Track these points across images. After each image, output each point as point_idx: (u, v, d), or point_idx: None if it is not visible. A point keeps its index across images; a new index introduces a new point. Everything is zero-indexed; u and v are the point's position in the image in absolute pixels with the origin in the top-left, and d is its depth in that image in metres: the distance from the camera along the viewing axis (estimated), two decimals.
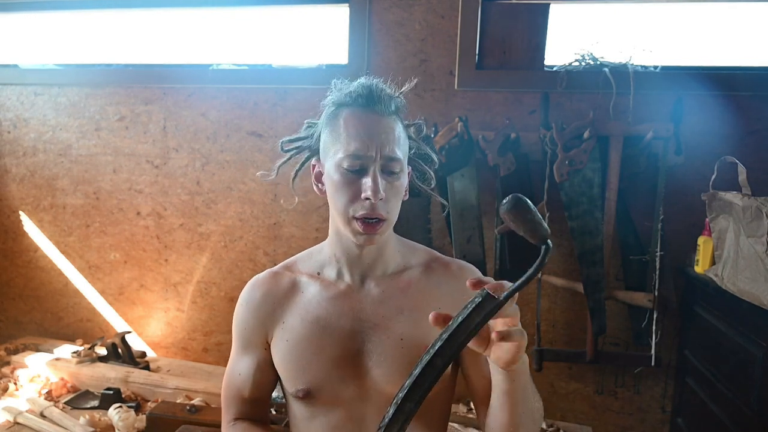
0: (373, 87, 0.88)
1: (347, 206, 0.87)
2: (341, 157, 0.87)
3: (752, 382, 1.39)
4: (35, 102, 2.40)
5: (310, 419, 0.96)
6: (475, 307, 0.68)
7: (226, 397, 1.03)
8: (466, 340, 0.68)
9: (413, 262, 1.00)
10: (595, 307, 1.86)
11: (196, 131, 2.26)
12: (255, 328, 0.99)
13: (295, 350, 0.94)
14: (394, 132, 0.88)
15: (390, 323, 0.93)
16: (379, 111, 0.87)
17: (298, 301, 0.97)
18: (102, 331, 2.47)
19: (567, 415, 2.06)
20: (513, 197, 0.68)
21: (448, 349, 0.68)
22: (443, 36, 2.01)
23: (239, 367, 1.01)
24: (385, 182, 0.87)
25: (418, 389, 0.68)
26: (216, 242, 2.30)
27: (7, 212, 2.51)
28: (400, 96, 0.92)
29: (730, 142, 1.82)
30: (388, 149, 0.86)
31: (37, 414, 1.75)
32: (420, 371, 0.68)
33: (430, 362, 0.68)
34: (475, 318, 0.68)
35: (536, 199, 1.93)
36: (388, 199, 0.87)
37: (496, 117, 1.98)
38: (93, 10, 2.37)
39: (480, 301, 0.68)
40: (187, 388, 1.94)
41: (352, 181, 0.86)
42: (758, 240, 1.35)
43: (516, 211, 0.69)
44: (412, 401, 0.68)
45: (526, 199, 0.69)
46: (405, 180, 0.92)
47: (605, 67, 1.89)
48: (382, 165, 0.86)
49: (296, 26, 2.30)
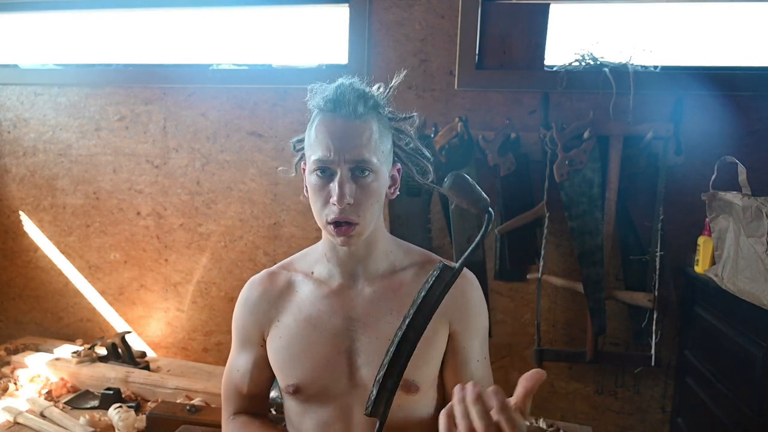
0: (340, 91, 0.88)
1: (321, 210, 0.90)
2: (311, 163, 0.89)
3: (752, 382, 1.39)
4: (35, 102, 2.40)
5: (302, 415, 0.99)
6: (435, 279, 0.75)
7: (225, 393, 1.07)
8: (432, 310, 0.74)
9: (407, 263, 1.01)
10: (595, 307, 1.86)
11: (196, 131, 2.26)
12: (252, 326, 1.02)
13: (288, 347, 0.97)
14: (362, 135, 0.87)
15: (379, 323, 0.94)
16: (346, 115, 0.87)
17: (292, 300, 1.00)
18: (102, 331, 2.47)
19: (567, 415, 2.06)
20: (452, 175, 0.77)
21: (417, 321, 0.74)
22: (443, 36, 2.01)
23: (237, 364, 1.05)
24: (356, 186, 0.87)
25: (396, 364, 0.73)
26: (216, 242, 2.30)
27: (7, 212, 2.51)
28: (377, 95, 0.91)
29: (730, 142, 1.82)
30: (355, 153, 0.86)
31: (37, 414, 1.75)
32: (396, 347, 0.73)
33: (404, 336, 0.73)
34: (436, 289, 0.75)
35: (536, 199, 1.93)
36: (359, 203, 0.87)
37: (496, 117, 1.98)
38: (93, 10, 2.37)
39: (438, 273, 0.75)
40: (187, 388, 1.94)
41: (323, 186, 0.88)
42: (758, 240, 1.35)
43: (456, 188, 0.77)
44: (392, 377, 0.73)
45: (465, 175, 0.77)
46: (381, 181, 0.91)
47: (605, 67, 1.89)
48: (350, 169, 0.87)
49: (296, 26, 2.30)
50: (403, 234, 1.62)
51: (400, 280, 0.98)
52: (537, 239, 1.94)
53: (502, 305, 2.06)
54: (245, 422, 1.02)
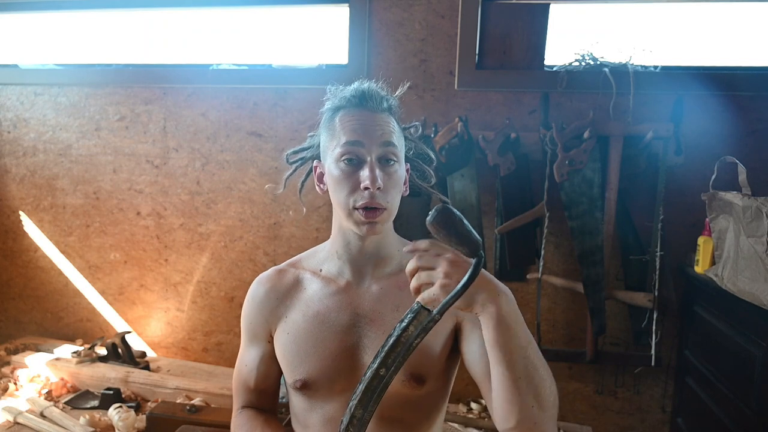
0: (366, 88, 0.93)
1: (348, 198, 0.91)
2: (339, 151, 0.91)
3: (752, 382, 1.39)
4: (35, 102, 2.40)
5: (309, 410, 1.00)
6: (410, 320, 0.72)
7: (235, 387, 1.09)
8: (409, 352, 0.71)
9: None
10: (595, 307, 1.86)
11: (196, 131, 2.26)
12: (259, 322, 1.04)
13: (295, 343, 0.98)
14: (388, 125, 0.93)
15: (386, 319, 0.96)
16: (372, 108, 0.93)
17: (300, 297, 1.02)
18: (102, 331, 2.47)
19: (567, 415, 2.06)
20: (437, 208, 0.66)
21: (390, 359, 0.71)
22: (443, 36, 2.01)
23: (246, 359, 1.07)
24: (383, 173, 0.90)
25: (368, 397, 0.72)
26: (216, 242, 2.30)
27: (7, 212, 2.51)
28: (393, 97, 0.97)
29: (730, 142, 1.82)
30: (384, 138, 0.90)
31: (37, 414, 1.75)
32: (368, 381, 0.72)
33: (375, 373, 0.72)
34: (411, 330, 0.71)
35: (536, 199, 1.93)
36: (386, 190, 0.90)
37: (496, 117, 1.98)
38: (93, 10, 2.37)
39: (413, 316, 0.72)
40: (187, 388, 1.94)
41: (351, 173, 0.90)
42: (758, 240, 1.35)
43: (441, 224, 0.66)
44: (363, 409, 0.72)
45: (452, 209, 0.66)
46: (402, 171, 0.95)
47: (605, 67, 1.89)
48: (378, 155, 0.90)
49: (296, 26, 2.30)
50: (403, 234, 1.61)
51: (405, 278, 0.98)
52: (537, 239, 1.94)
53: None
54: (251, 416, 1.04)
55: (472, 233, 0.68)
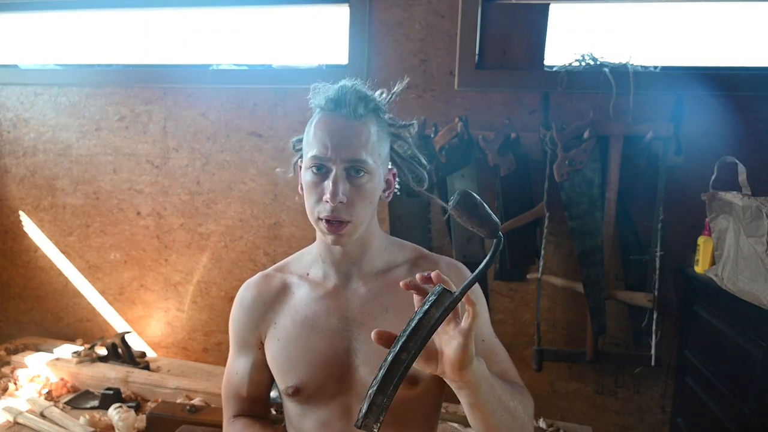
0: (342, 91, 0.89)
1: (314, 207, 0.90)
2: (309, 159, 0.90)
3: (752, 382, 1.39)
4: (35, 102, 2.40)
5: (302, 416, 0.99)
6: (432, 303, 0.71)
7: (225, 396, 1.07)
8: (429, 335, 0.71)
9: (400, 259, 1.01)
10: (595, 307, 1.86)
11: (196, 131, 2.26)
12: (248, 329, 1.03)
13: (286, 349, 0.97)
14: (361, 135, 0.88)
15: (375, 321, 0.94)
16: (346, 115, 0.89)
17: (288, 302, 1.00)
18: (102, 331, 2.47)
19: (567, 415, 2.06)
20: (459, 193, 0.70)
21: (411, 344, 0.70)
22: (443, 36, 2.01)
23: (236, 367, 1.05)
24: (351, 185, 0.88)
25: (389, 383, 0.71)
26: (216, 242, 2.30)
27: (7, 212, 2.51)
28: (377, 98, 0.92)
29: (730, 142, 1.81)
30: (351, 152, 0.87)
31: (37, 414, 1.75)
32: (388, 366, 0.71)
33: (396, 357, 0.71)
34: (433, 313, 0.71)
35: (536, 199, 1.93)
36: (352, 202, 0.88)
37: (496, 117, 1.98)
38: (93, 10, 2.37)
39: (436, 298, 0.71)
40: (187, 388, 1.94)
41: (318, 183, 0.89)
42: (758, 240, 1.35)
43: (463, 207, 0.70)
44: (384, 394, 0.71)
45: (473, 193, 0.70)
46: (375, 183, 0.91)
47: (605, 67, 1.89)
48: (345, 168, 0.88)
49: (296, 26, 2.30)
50: (403, 234, 1.62)
51: (394, 277, 0.98)
52: (537, 239, 1.94)
53: (502, 305, 2.06)
54: (246, 424, 1.02)
55: (491, 216, 0.71)
